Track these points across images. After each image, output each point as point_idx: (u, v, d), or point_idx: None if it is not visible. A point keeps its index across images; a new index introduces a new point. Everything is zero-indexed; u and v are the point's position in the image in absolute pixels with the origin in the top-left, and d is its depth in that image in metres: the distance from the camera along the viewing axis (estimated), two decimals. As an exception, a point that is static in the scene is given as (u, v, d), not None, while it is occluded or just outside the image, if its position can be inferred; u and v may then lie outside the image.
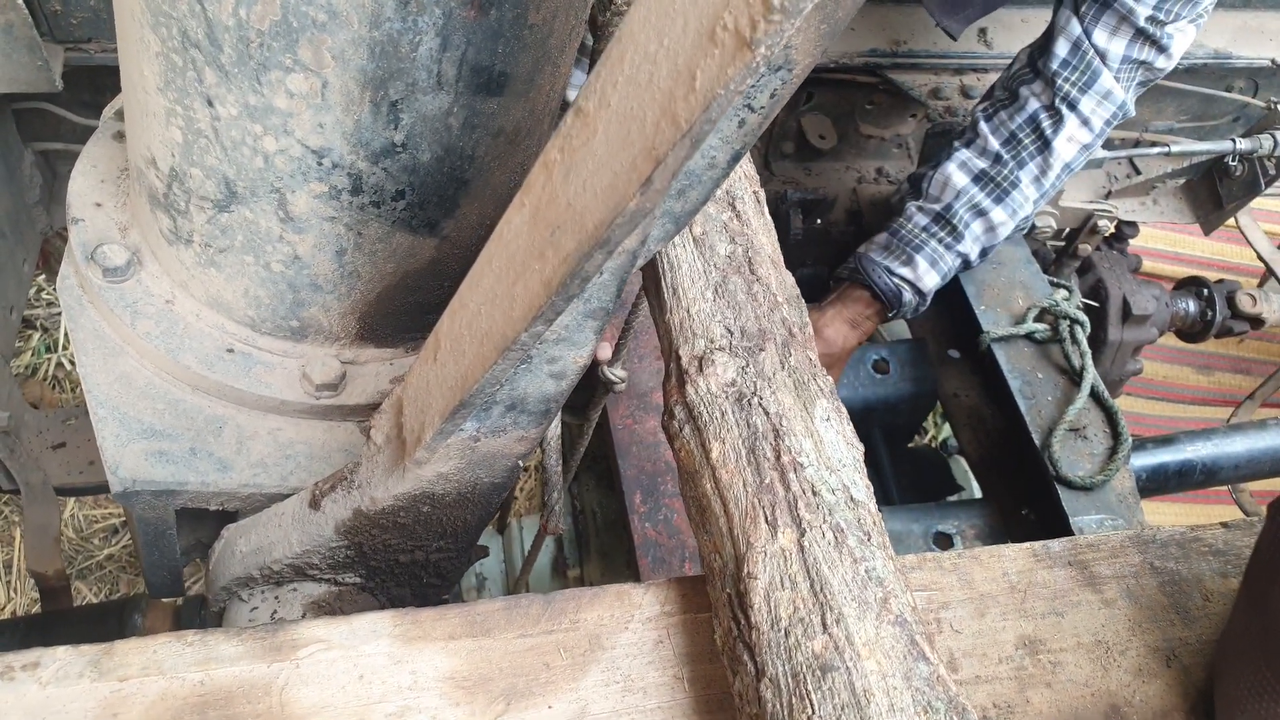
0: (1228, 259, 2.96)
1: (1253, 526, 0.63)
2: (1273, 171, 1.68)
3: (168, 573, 0.84)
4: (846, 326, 1.26)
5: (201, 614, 1.43)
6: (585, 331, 0.56)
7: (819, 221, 1.71)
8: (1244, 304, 1.89)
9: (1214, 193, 1.78)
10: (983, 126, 1.22)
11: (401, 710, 0.51)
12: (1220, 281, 1.93)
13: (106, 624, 1.35)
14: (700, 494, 0.53)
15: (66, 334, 2.66)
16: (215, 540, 0.82)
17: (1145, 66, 1.13)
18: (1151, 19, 1.08)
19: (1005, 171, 1.20)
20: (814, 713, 0.42)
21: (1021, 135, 1.19)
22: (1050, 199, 1.26)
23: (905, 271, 1.24)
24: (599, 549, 1.38)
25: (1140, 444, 1.48)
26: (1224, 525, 0.63)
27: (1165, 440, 1.56)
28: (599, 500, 1.40)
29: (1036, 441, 1.21)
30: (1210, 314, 1.89)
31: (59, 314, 2.42)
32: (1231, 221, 1.91)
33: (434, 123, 0.65)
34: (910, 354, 1.50)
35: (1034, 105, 1.18)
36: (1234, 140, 1.66)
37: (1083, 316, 1.31)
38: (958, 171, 1.23)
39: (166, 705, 0.50)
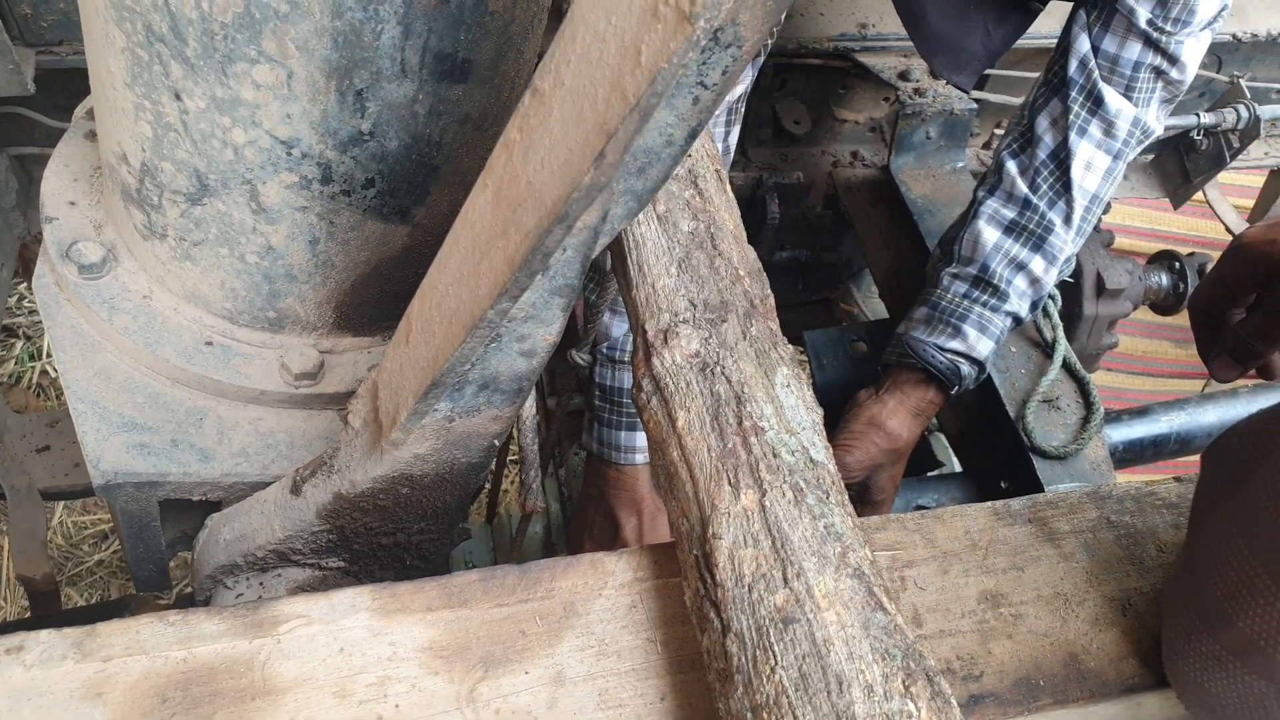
0: (1200, 233, 2.99)
1: (1207, 480, 0.65)
2: (1237, 145, 1.71)
3: (153, 565, 0.85)
4: (909, 416, 1.18)
5: (192, 612, 1.44)
6: (553, 309, 0.57)
7: (796, 206, 1.73)
8: (1214, 277, 1.91)
9: (1181, 167, 1.81)
10: (1009, 168, 1.16)
11: (382, 680, 0.52)
12: (1191, 255, 1.96)
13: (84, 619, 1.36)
14: (668, 461, 0.54)
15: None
16: (200, 531, 0.83)
17: (1162, 76, 1.09)
18: (1151, 23, 1.04)
19: (1037, 217, 1.14)
20: (777, 663, 0.44)
21: (1044, 172, 1.14)
22: (1087, 235, 1.19)
23: (956, 345, 1.16)
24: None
25: (1115, 416, 1.51)
26: (1177, 479, 0.65)
27: (1140, 412, 1.59)
28: (584, 486, 1.42)
29: (1011, 413, 1.23)
30: (1182, 286, 1.91)
31: (40, 321, 2.41)
32: (1201, 196, 1.93)
33: (400, 110, 0.66)
34: (889, 333, 1.53)
35: (1050, 139, 1.13)
36: (1199, 115, 1.69)
37: (1054, 290, 1.33)
38: (987, 226, 1.16)
39: (150, 683, 0.51)
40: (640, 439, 1.09)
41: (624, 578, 0.56)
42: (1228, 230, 1.89)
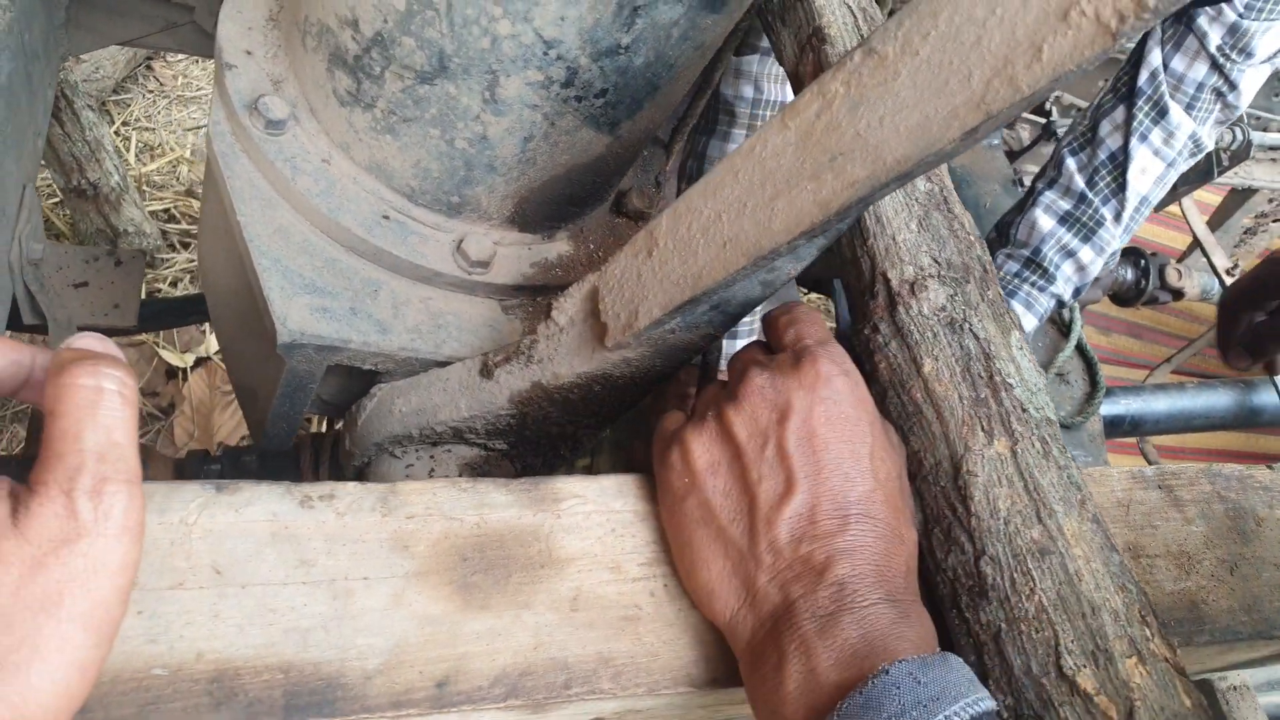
0: (1142, 237, 3.22)
1: (1289, 471, 0.77)
2: (1226, 163, 1.87)
3: (287, 426, 0.87)
4: None
5: (205, 468, 1.44)
6: (812, 249, 0.63)
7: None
8: (1171, 277, 2.10)
9: (1173, 175, 1.96)
10: (1068, 164, 1.28)
11: (650, 561, 0.58)
12: (1154, 254, 2.13)
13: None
14: (908, 401, 0.61)
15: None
16: (346, 399, 0.85)
17: (1221, 99, 1.20)
18: (1220, 49, 1.16)
19: (1090, 211, 1.26)
20: (1036, 586, 0.52)
21: (1103, 171, 1.25)
22: (1133, 233, 1.34)
23: None
24: (611, 442, 1.47)
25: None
26: (1269, 467, 0.76)
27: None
28: (615, 396, 1.48)
29: (1027, 382, 1.36)
30: (1144, 283, 2.09)
31: None
32: (1175, 207, 2.10)
33: (659, 31, 0.68)
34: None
35: (1113, 142, 1.24)
36: (1203, 130, 1.83)
37: (1077, 276, 1.46)
38: (1044, 215, 1.28)
39: (450, 542, 0.55)
40: None
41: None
42: (1195, 238, 2.06)
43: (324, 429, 1.78)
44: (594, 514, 0.58)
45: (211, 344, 2.25)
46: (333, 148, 0.80)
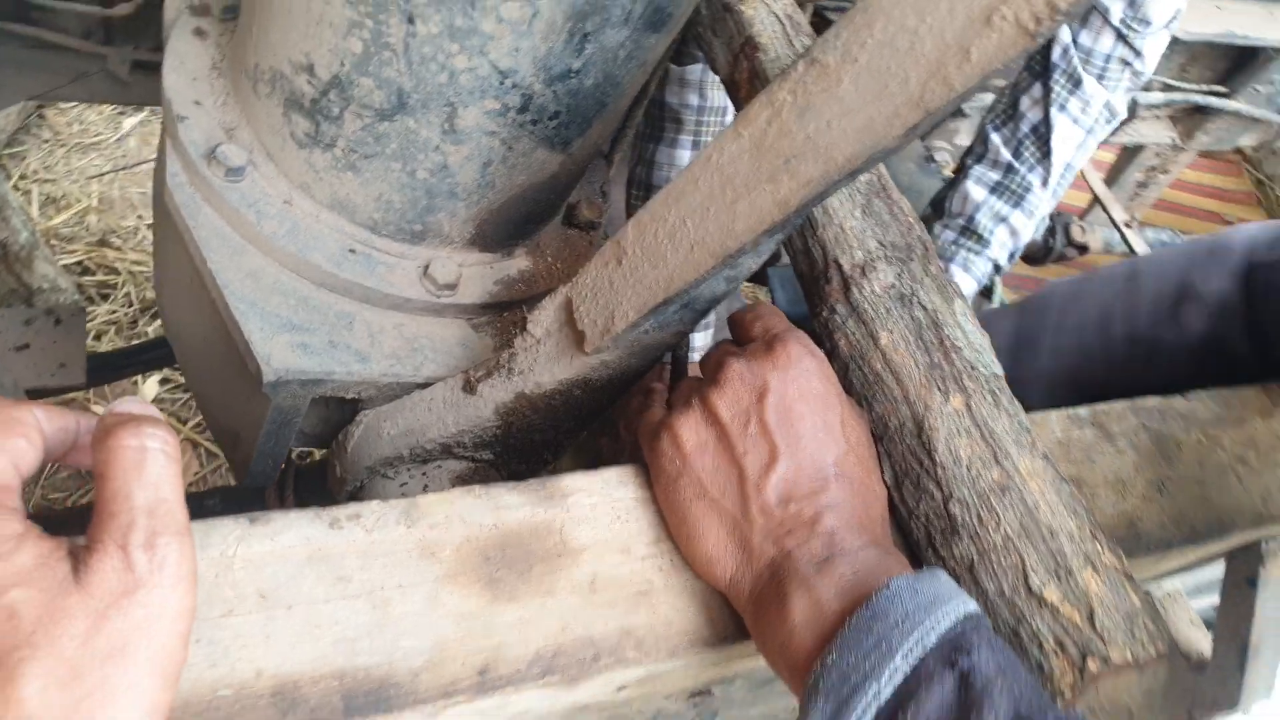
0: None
1: (1201, 400, 0.86)
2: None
3: (272, 461, 0.89)
4: None
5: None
6: (771, 244, 0.68)
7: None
8: (1076, 234, 2.24)
9: (1065, 139, 2.10)
10: (993, 140, 1.38)
11: (656, 539, 0.63)
12: (1059, 214, 2.27)
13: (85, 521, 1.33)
14: (869, 371, 0.67)
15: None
16: (328, 430, 0.88)
17: (1128, 67, 1.31)
18: (1123, 21, 1.26)
19: (1018, 179, 1.37)
20: (1000, 520, 0.59)
21: (1027, 143, 1.36)
22: (1060, 198, 1.44)
23: None
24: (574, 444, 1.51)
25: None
26: (1183, 397, 0.85)
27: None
28: (571, 400, 1.52)
29: (956, 346, 1.45)
30: (1051, 241, 2.22)
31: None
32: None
33: (607, 54, 0.73)
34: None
35: (1034, 115, 1.35)
36: (1087, 96, 1.97)
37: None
38: (975, 186, 1.38)
39: (472, 545, 0.59)
40: None
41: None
42: (1094, 195, 2.21)
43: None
44: (600, 504, 0.63)
45: (146, 394, 2.21)
46: (293, 189, 0.83)
